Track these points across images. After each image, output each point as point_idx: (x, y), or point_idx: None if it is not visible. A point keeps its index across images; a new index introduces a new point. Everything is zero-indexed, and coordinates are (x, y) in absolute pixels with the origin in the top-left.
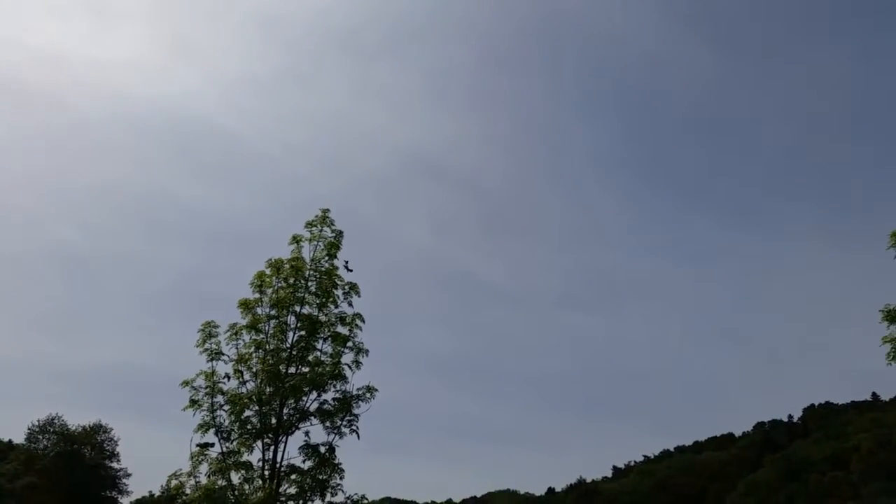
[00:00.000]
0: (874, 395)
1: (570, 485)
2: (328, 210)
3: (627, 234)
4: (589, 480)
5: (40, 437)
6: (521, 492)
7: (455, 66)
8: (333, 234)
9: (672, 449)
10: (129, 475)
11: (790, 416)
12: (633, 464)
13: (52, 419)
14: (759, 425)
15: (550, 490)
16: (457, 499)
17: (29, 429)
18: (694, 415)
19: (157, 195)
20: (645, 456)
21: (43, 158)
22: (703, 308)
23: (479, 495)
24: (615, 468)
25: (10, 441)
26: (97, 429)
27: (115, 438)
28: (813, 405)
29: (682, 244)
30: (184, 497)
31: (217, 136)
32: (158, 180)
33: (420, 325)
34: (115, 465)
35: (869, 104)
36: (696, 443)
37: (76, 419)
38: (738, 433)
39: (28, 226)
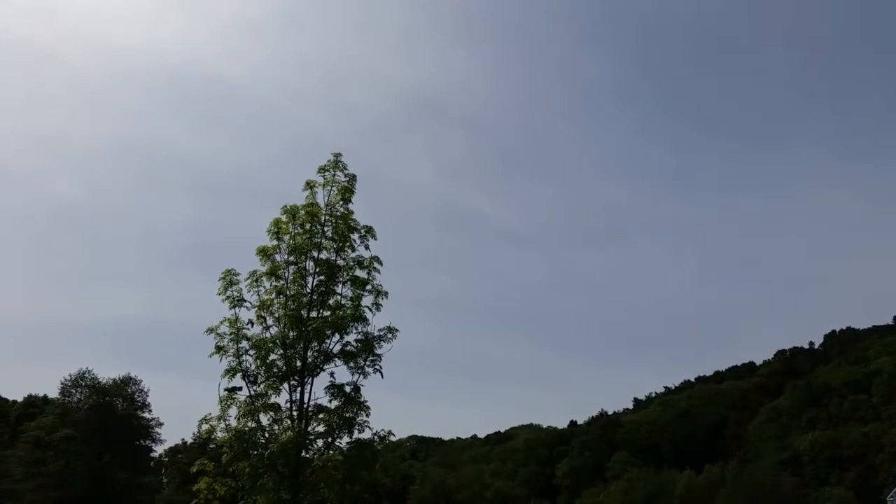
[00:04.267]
0: (895, 318)
1: (592, 417)
2: (340, 154)
3: (636, 168)
4: (611, 412)
5: (73, 390)
6: (544, 425)
7: None
8: (347, 179)
9: (693, 380)
10: (160, 424)
11: (811, 343)
12: (654, 395)
13: (84, 373)
14: (780, 353)
15: (573, 423)
16: (481, 435)
17: (62, 383)
18: (714, 346)
19: (159, 147)
20: (666, 387)
21: (42, 116)
22: (718, 239)
23: (503, 430)
24: (636, 400)
25: (45, 396)
26: (127, 381)
27: (146, 390)
28: (834, 331)
29: (692, 175)
30: (215, 440)
31: (217, 83)
32: (160, 132)
33: (433, 269)
34: (146, 415)
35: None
36: (716, 373)
37: (104, 373)
38: (758, 362)
39: (32, 185)
